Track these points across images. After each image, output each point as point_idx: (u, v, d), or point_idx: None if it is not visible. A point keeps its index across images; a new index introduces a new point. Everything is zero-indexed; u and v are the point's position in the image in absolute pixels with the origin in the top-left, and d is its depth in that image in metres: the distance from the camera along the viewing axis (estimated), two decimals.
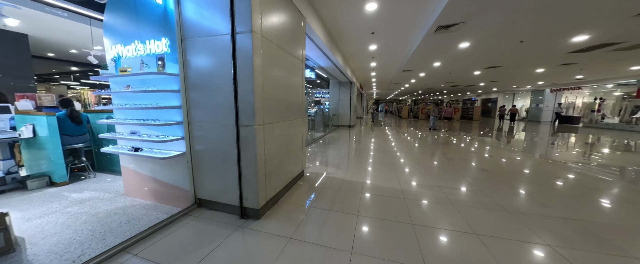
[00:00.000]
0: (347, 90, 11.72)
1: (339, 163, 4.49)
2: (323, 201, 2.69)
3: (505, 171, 3.93)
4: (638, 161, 4.84)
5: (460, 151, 5.67)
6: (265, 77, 2.22)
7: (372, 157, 4.96)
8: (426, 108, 20.88)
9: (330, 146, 6.36)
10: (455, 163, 4.48)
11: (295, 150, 3.15)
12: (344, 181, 3.38)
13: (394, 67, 8.99)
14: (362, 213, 2.38)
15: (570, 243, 1.87)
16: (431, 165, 4.34)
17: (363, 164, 4.38)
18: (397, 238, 1.94)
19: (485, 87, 16.35)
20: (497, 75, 10.41)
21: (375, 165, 4.33)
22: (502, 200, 2.72)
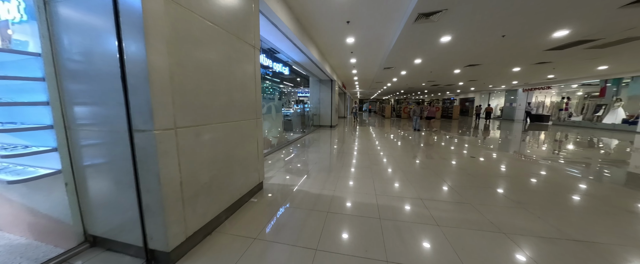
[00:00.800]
0: (327, 89, 11.16)
1: (310, 170, 3.87)
2: (276, 227, 2.05)
3: (490, 175, 3.55)
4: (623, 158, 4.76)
5: (444, 153, 5.31)
6: (177, 58, 1.53)
7: (349, 162, 4.40)
8: (408, 108, 21.05)
9: (306, 150, 5.73)
10: (439, 167, 4.06)
11: (245, 160, 2.47)
12: (309, 196, 2.76)
13: (375, 64, 8.57)
14: (324, 246, 1.77)
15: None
16: (413, 170, 3.87)
17: (337, 171, 3.80)
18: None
19: (464, 86, 16.67)
20: (476, 74, 10.43)
21: (350, 172, 3.77)
22: (492, 216, 2.25)
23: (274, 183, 3.19)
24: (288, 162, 4.42)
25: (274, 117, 5.70)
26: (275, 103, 5.55)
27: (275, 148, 5.57)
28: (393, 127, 11.90)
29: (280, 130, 6.10)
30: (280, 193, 2.85)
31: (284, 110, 9.57)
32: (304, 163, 4.39)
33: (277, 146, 5.69)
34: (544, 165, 4.29)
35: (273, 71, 5.88)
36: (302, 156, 4.95)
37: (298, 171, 3.79)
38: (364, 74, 11.23)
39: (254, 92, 2.64)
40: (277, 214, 2.31)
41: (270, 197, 2.74)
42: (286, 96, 12.68)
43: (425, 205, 2.49)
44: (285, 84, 11.14)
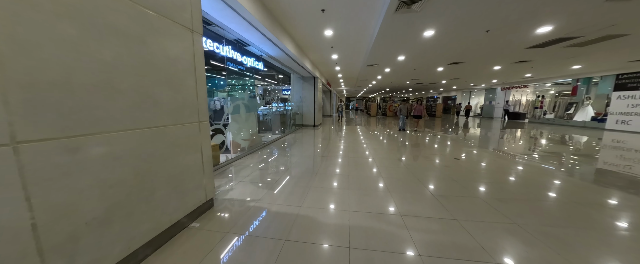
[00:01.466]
0: (310, 86, 10.65)
1: (279, 179, 3.36)
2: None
3: (476, 180, 3.25)
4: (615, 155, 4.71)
5: (428, 155, 5.01)
6: (10, 31, 0.95)
7: (326, 169, 3.94)
8: (393, 106, 21.09)
9: (281, 153, 5.21)
10: (423, 172, 3.71)
11: (179, 175, 1.92)
12: (269, 215, 2.26)
13: (358, 60, 8.17)
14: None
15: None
16: (395, 177, 3.48)
17: (310, 179, 3.33)
18: None
19: (447, 85, 16.87)
20: (458, 72, 10.39)
21: (325, 181, 3.31)
22: (483, 238, 1.88)
23: (230, 199, 2.65)
24: (256, 169, 3.88)
25: (245, 117, 5.10)
26: (245, 102, 4.95)
27: (246, 152, 4.99)
28: (378, 126, 11.65)
29: (253, 131, 5.51)
30: (233, 213, 2.33)
31: (266, 108, 8.97)
32: (274, 169, 3.88)
33: (248, 150, 5.11)
34: (534, 167, 4.10)
35: (244, 66, 5.27)
36: (274, 162, 4.42)
37: (264, 181, 3.27)
38: (347, 71, 10.83)
39: (194, 88, 2.08)
40: (219, 244, 1.79)
41: (218, 219, 2.21)
42: (270, 94, 12.02)
43: (406, 224, 2.08)
44: (267, 81, 10.49)
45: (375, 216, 2.24)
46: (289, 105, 9.27)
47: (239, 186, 3.04)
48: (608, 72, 10.17)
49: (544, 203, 2.59)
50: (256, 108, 5.87)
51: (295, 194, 2.77)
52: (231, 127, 4.57)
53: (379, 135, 8.26)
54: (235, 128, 4.72)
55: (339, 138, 7.44)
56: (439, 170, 3.79)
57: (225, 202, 2.56)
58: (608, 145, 6.67)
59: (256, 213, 2.32)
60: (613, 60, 7.78)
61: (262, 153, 5.08)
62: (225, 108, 4.30)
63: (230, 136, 4.75)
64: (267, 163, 4.33)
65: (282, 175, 3.54)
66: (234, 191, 2.86)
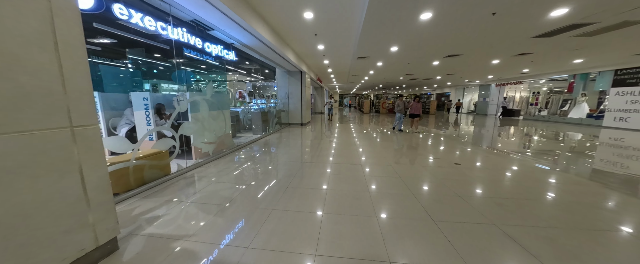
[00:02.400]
0: (297, 81, 9.82)
1: (234, 198, 2.60)
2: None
3: (485, 197, 2.58)
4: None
5: (423, 160, 4.33)
6: None
7: (299, 181, 3.20)
8: (387, 103, 20.52)
9: (250, 160, 4.43)
10: (419, 185, 3.02)
11: (35, 215, 1.12)
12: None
13: (347, 52, 7.40)
14: None
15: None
16: (386, 195, 2.77)
17: (273, 200, 2.57)
18: None
19: (441, 81, 16.34)
20: (455, 66, 9.78)
21: (294, 200, 2.57)
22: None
23: (152, 235, 1.86)
24: (210, 183, 3.09)
25: (210, 116, 4.28)
26: (208, 98, 4.11)
27: (210, 158, 4.18)
28: (371, 124, 10.97)
29: (221, 133, 4.69)
30: (142, 261, 1.55)
31: (252, 106, 8.11)
32: (235, 182, 3.10)
33: (213, 156, 4.30)
34: (551, 176, 3.46)
35: (208, 55, 4.41)
36: (240, 171, 3.64)
37: (214, 201, 2.49)
38: (337, 65, 10.05)
39: (58, 70, 1.27)
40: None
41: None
42: (260, 91, 11.11)
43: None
44: (254, 77, 9.58)
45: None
46: (273, 101, 8.43)
47: (175, 212, 2.25)
48: (608, 67, 9.78)
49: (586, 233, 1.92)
50: (227, 105, 5.03)
51: (248, 224, 2.01)
52: (187, 128, 3.74)
53: (371, 135, 7.56)
54: (194, 129, 3.89)
55: (326, 139, 6.70)
56: (440, 182, 3.10)
57: (140, 242, 1.77)
58: (617, 144, 6.19)
59: (178, 258, 1.55)
60: (618, 53, 7.30)
61: (230, 159, 4.28)
62: (177, 105, 3.46)
63: (193, 139, 3.92)
64: (230, 173, 3.54)
65: (241, 192, 2.77)
66: (163, 221, 2.08)
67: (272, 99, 8.54)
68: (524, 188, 2.88)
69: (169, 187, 2.90)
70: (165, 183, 3.03)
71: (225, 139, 4.87)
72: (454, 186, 2.89)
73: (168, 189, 2.84)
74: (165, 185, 2.95)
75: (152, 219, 2.10)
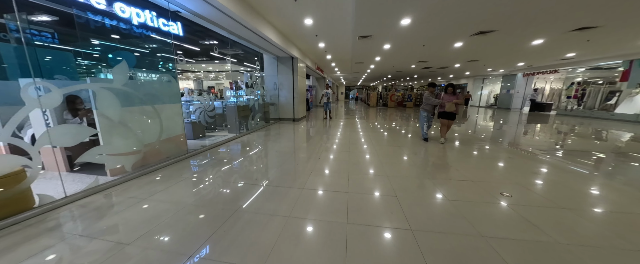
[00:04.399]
0: (287, 69, 8.31)
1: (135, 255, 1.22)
2: None
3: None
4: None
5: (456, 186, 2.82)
6: None
7: (226, 232, 1.81)
8: (396, 95, 18.63)
9: (186, 180, 3.08)
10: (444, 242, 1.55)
11: None
12: None
13: (345, 30, 5.78)
14: None
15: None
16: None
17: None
18: None
19: (459, 70, 14.29)
20: (481, 49, 7.91)
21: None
22: None
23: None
24: (71, 237, 1.75)
25: (122, 115, 2.92)
26: (115, 87, 2.73)
27: (126, 176, 2.85)
28: (377, 120, 9.37)
29: (156, 139, 3.34)
30: None
31: (238, 99, 6.71)
32: (128, 235, 1.75)
33: (134, 172, 2.97)
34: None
35: (130, 25, 2.99)
36: (148, 209, 2.28)
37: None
38: (336, 49, 8.41)
39: None
40: None
41: None
42: (248, 80, 9.71)
43: None
44: (248, 66, 8.16)
45: None
46: (256, 93, 7.00)
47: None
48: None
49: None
50: (170, 98, 3.65)
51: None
52: (82, 131, 2.40)
53: (379, 138, 6.03)
54: (76, 134, 2.54)
55: (314, 142, 5.25)
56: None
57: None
58: None
59: None
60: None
61: (151, 180, 2.93)
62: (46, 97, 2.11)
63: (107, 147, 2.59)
64: (135, 209, 2.19)
65: (145, 240, 1.41)
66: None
67: (257, 90, 7.11)
68: None
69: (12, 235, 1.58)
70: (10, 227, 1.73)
71: (163, 146, 3.52)
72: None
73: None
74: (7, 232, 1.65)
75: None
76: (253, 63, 7.03)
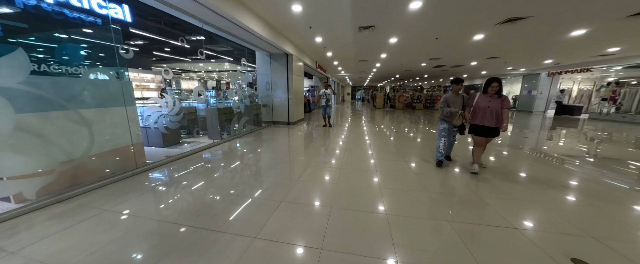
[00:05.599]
0: (282, 67, 7.50)
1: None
2: None
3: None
4: None
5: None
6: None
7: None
8: (404, 96, 17.48)
9: (126, 206, 2.29)
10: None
11: None
12: None
13: (342, 18, 4.88)
14: None
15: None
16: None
17: None
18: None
19: (475, 69, 13.02)
20: (506, 44, 6.79)
21: None
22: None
23: None
24: None
25: (18, 125, 2.17)
26: (15, 86, 1.98)
27: (31, 204, 2.09)
28: (383, 125, 8.40)
29: (98, 148, 2.58)
30: None
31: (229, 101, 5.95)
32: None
33: (38, 200, 2.20)
34: None
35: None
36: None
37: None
38: (335, 45, 7.51)
39: None
40: None
41: None
42: (234, 80, 8.99)
43: None
44: (248, 65, 7.43)
45: None
46: (243, 93, 6.22)
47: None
48: None
49: None
50: (115, 98, 2.89)
51: None
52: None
53: (383, 151, 5.09)
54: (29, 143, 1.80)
55: (301, 155, 4.39)
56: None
57: None
58: None
59: None
60: None
61: (60, 212, 2.15)
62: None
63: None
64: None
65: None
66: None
67: (246, 90, 6.33)
68: None
69: None
70: None
71: (100, 161, 2.76)
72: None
73: None
74: None
75: None
76: (239, 61, 6.27)
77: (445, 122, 3.47)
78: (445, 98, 3.40)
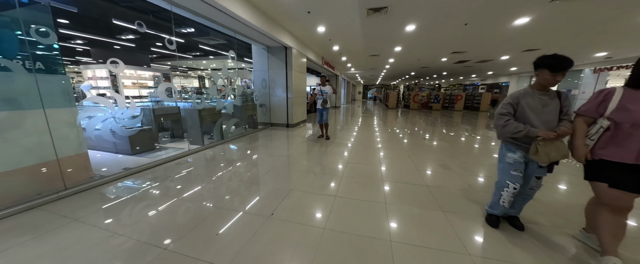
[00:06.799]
0: (280, 62, 6.63)
1: None
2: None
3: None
4: None
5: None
6: None
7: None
8: (420, 95, 16.03)
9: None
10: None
11: None
12: None
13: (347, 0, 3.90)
14: None
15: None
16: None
17: None
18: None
19: (504, 65, 11.43)
20: (554, 31, 5.45)
21: None
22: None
23: None
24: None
25: None
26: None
27: None
28: (395, 133, 7.30)
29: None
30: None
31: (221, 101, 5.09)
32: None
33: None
34: None
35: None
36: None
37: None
38: (341, 35, 6.52)
39: None
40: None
41: None
42: (217, 77, 8.27)
43: None
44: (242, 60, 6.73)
45: None
46: (230, 91, 5.41)
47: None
48: None
49: None
50: (29, 98, 2.15)
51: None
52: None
53: (395, 180, 4.07)
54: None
55: (286, 175, 3.50)
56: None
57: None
58: None
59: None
60: None
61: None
62: None
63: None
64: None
65: None
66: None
67: (235, 88, 5.54)
68: None
69: None
70: None
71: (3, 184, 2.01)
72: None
73: None
74: None
75: None
76: (226, 54, 5.46)
77: (515, 147, 1.71)
78: (515, 98, 1.67)
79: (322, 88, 5.13)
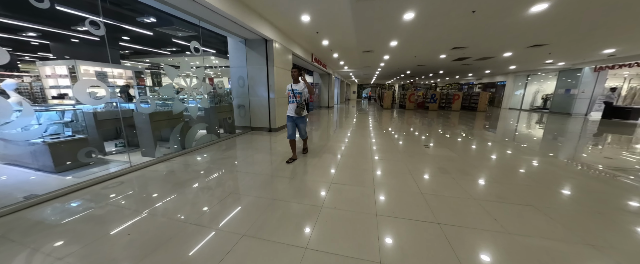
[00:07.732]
0: (260, 58, 5.77)
1: None
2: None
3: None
4: None
5: None
6: None
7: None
8: (416, 95, 15.39)
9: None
10: None
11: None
12: None
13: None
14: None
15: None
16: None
17: None
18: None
19: (504, 62, 10.86)
20: (570, 22, 4.78)
21: None
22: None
23: None
24: None
25: None
26: None
27: None
28: (389, 136, 6.54)
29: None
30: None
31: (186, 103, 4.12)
32: None
33: None
34: None
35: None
36: None
37: None
38: (329, 27, 5.71)
39: None
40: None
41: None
42: (179, 74, 7.25)
43: None
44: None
45: None
46: (193, 91, 4.51)
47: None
48: None
49: None
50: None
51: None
52: None
53: (404, 196, 3.27)
54: None
55: (260, 195, 2.67)
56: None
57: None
58: None
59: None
60: None
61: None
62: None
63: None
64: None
65: None
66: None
67: (200, 87, 4.65)
68: None
69: None
70: None
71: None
72: None
73: None
74: None
75: None
76: (194, 48, 4.60)
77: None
78: None
79: (294, 87, 3.36)
